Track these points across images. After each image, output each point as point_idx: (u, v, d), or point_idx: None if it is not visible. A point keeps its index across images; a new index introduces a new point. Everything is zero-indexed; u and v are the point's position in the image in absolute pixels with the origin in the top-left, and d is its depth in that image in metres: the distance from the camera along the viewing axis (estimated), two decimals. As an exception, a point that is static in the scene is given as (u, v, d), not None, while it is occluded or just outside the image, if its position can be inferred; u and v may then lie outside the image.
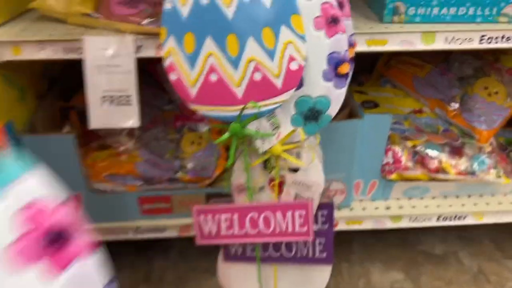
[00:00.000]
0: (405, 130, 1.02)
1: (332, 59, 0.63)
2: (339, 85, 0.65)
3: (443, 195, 1.03)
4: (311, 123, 0.66)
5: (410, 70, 1.12)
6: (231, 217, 0.66)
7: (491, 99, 1.03)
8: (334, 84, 0.64)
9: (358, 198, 1.02)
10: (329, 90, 0.64)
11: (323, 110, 0.66)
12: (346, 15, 0.65)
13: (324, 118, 0.66)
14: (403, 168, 0.97)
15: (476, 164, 0.97)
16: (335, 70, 0.64)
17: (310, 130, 0.67)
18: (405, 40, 0.79)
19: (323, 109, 0.65)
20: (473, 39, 0.80)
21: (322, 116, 0.66)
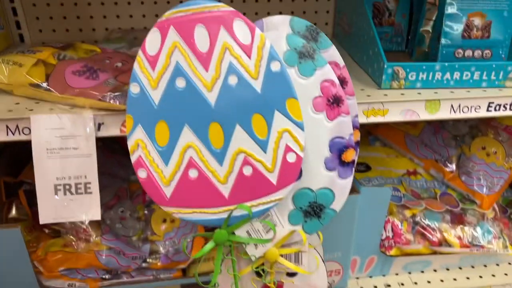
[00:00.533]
0: (402, 197, 0.93)
1: (335, 145, 0.53)
2: (344, 175, 0.54)
3: (445, 267, 0.94)
4: (313, 220, 0.55)
5: (402, 128, 1.04)
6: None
7: (490, 160, 0.95)
8: (338, 173, 0.54)
9: (354, 276, 0.91)
10: (333, 180, 0.54)
11: (326, 204, 0.55)
12: (350, 93, 0.55)
13: (328, 213, 0.55)
14: (403, 243, 0.87)
15: (480, 234, 0.89)
16: (339, 157, 0.54)
17: (311, 228, 0.55)
18: (408, 109, 0.70)
19: (326, 203, 0.55)
20: (481, 107, 0.72)
21: (325, 212, 0.55)
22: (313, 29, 0.54)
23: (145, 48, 0.47)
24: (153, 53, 0.47)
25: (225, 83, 0.47)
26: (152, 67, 0.47)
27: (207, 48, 0.47)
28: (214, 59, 0.47)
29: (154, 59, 0.47)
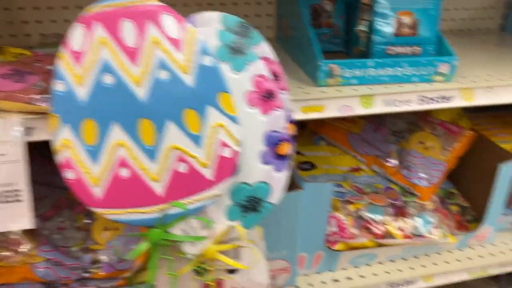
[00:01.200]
0: (346, 193, 0.95)
1: (270, 138, 0.53)
2: (280, 168, 0.54)
3: (390, 259, 0.96)
4: (251, 215, 0.55)
5: (344, 127, 1.07)
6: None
7: (428, 154, 0.99)
8: (274, 167, 0.54)
9: (302, 273, 0.91)
10: (269, 174, 0.54)
11: (263, 198, 0.55)
12: (283, 88, 0.55)
13: (265, 207, 0.55)
14: (348, 237, 0.89)
15: (421, 225, 0.92)
16: (275, 151, 0.54)
17: (250, 223, 0.55)
18: (344, 105, 0.72)
19: (263, 197, 0.55)
20: (412, 101, 0.75)
21: (263, 205, 0.55)
22: (245, 25, 0.54)
23: (69, 43, 0.46)
24: (78, 48, 0.46)
25: (156, 78, 0.47)
26: (77, 63, 0.46)
27: (135, 43, 0.46)
28: (143, 54, 0.46)
29: (79, 55, 0.46)
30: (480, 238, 1.01)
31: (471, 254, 1.00)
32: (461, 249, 1.01)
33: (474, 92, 0.77)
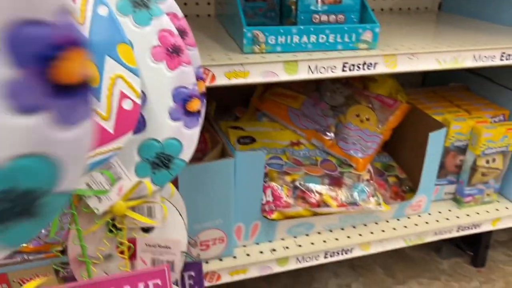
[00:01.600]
0: (283, 165, 0.97)
1: (178, 94, 0.54)
2: (190, 125, 0.55)
3: (328, 229, 0.98)
4: (161, 172, 0.55)
5: (284, 102, 1.08)
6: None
7: (364, 126, 1.02)
8: (184, 123, 0.55)
9: (241, 244, 0.92)
10: (179, 130, 0.54)
11: (174, 155, 0.55)
12: (190, 44, 0.56)
13: (177, 164, 0.56)
14: (284, 206, 0.90)
15: (356, 194, 0.94)
16: (184, 107, 0.54)
17: (160, 180, 0.55)
18: (267, 71, 0.73)
19: (174, 153, 0.55)
20: (336, 67, 0.77)
21: (173, 162, 0.55)
22: (150, -19, 0.54)
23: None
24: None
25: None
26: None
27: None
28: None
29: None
30: (416, 207, 1.04)
31: (407, 223, 1.03)
32: (398, 219, 1.04)
33: (396, 58, 0.79)
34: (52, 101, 0.22)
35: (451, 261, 1.24)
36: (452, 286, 1.15)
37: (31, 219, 0.24)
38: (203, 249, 0.85)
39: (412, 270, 1.20)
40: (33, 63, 0.20)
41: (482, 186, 1.07)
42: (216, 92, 1.12)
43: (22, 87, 0.21)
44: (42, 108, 0.22)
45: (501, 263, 1.23)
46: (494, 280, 1.17)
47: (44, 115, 0.22)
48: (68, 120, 0.22)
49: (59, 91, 0.22)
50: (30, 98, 0.21)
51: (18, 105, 0.21)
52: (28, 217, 0.24)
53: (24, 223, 0.24)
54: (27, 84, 0.21)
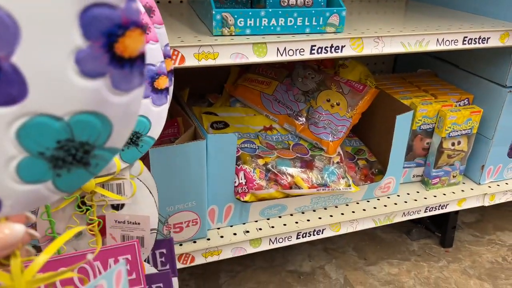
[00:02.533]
0: (256, 149, 0.98)
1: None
2: (158, 102, 0.56)
3: (300, 211, 1.01)
4: (130, 149, 0.56)
5: (257, 88, 1.10)
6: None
7: (334, 111, 1.05)
8: (152, 101, 0.55)
9: (215, 226, 0.94)
10: (147, 108, 0.55)
11: (142, 132, 0.56)
12: (157, 22, 0.57)
13: (145, 141, 0.57)
14: (256, 188, 0.92)
15: (326, 175, 0.97)
16: (152, 84, 0.55)
17: (129, 157, 0.56)
18: (237, 52, 0.75)
19: (142, 130, 0.56)
20: (304, 50, 0.79)
21: (142, 140, 0.56)
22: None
23: None
24: None
25: None
26: None
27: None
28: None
29: None
30: (385, 189, 1.08)
31: (376, 204, 1.06)
32: (367, 200, 1.07)
33: (363, 42, 0.82)
34: (112, 69, 0.26)
35: (420, 243, 1.28)
36: (421, 266, 1.19)
37: (84, 168, 0.28)
38: (176, 231, 0.87)
39: (383, 251, 1.24)
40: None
41: (448, 168, 1.11)
42: (189, 79, 1.13)
43: (89, 56, 0.25)
44: (103, 75, 0.26)
45: (467, 243, 1.28)
46: (461, 259, 1.22)
47: (104, 81, 0.26)
48: (124, 87, 0.27)
49: (119, 62, 0.26)
50: (95, 65, 0.25)
51: (84, 70, 0.25)
52: (82, 166, 0.28)
53: (79, 171, 0.28)
54: (94, 54, 0.25)
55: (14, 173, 0.27)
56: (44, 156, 0.27)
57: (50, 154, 0.27)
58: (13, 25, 0.24)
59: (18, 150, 0.26)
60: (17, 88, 0.25)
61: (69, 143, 0.27)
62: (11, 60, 0.24)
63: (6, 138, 0.26)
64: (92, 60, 0.25)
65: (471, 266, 1.19)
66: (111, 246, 0.55)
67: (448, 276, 1.16)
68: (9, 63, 0.24)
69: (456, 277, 1.15)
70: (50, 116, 0.26)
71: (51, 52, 0.25)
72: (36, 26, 0.24)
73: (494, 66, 1.06)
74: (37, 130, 0.26)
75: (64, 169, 0.28)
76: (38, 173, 0.28)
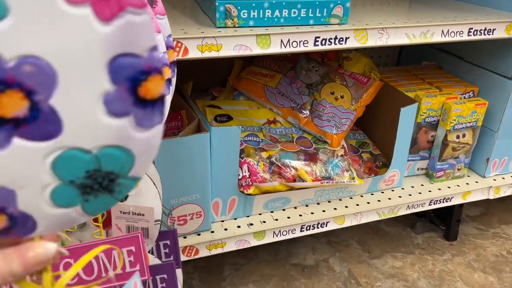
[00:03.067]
0: (260, 142, 0.98)
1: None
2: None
3: (304, 204, 1.01)
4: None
5: (261, 81, 1.10)
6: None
7: (338, 103, 1.04)
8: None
9: (219, 219, 0.94)
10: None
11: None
12: (160, 12, 0.56)
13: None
14: (260, 181, 0.92)
15: (330, 168, 0.97)
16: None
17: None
18: (240, 44, 0.74)
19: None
20: (308, 42, 0.78)
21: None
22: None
23: None
24: None
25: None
26: None
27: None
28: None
29: None
30: (389, 182, 1.07)
31: (381, 197, 1.06)
32: (371, 193, 1.07)
33: (367, 33, 0.81)
34: (136, 109, 0.30)
35: (424, 236, 1.27)
36: (426, 259, 1.19)
37: (109, 194, 0.32)
38: (180, 224, 0.87)
39: (388, 245, 1.24)
40: (125, 82, 0.29)
41: (453, 161, 1.10)
42: (193, 72, 1.12)
43: (116, 98, 0.29)
44: (128, 114, 0.29)
45: (472, 236, 1.28)
46: (465, 253, 1.21)
47: (129, 119, 0.30)
48: (146, 124, 0.30)
49: (142, 103, 0.30)
50: (120, 106, 0.29)
51: (111, 110, 0.29)
52: (107, 192, 0.32)
53: (104, 197, 0.32)
54: (120, 96, 0.29)
55: (48, 199, 0.30)
56: (75, 184, 0.31)
57: (80, 182, 0.31)
58: (52, 73, 0.28)
59: (52, 178, 0.30)
60: (54, 126, 0.29)
61: (96, 172, 0.30)
62: (49, 103, 0.28)
63: (43, 168, 0.30)
64: (118, 102, 0.29)
65: (475, 259, 1.19)
66: (115, 237, 0.55)
67: (453, 269, 1.15)
68: (47, 105, 0.28)
69: (460, 270, 1.15)
70: (81, 149, 0.30)
71: (83, 95, 0.29)
72: (71, 73, 0.28)
73: (500, 58, 1.05)
74: (69, 161, 0.30)
75: (92, 195, 0.31)
76: (69, 198, 0.31)
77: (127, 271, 0.55)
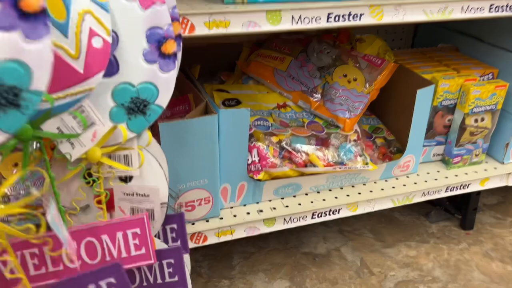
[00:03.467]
0: (270, 126, 0.95)
1: (153, 35, 0.51)
2: (165, 68, 0.53)
3: (315, 190, 0.97)
4: (137, 117, 0.53)
5: (270, 64, 1.06)
6: (39, 251, 0.50)
7: (351, 87, 1.00)
8: (159, 66, 0.52)
9: (228, 206, 0.91)
10: (154, 74, 0.52)
11: (150, 100, 0.53)
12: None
13: (153, 110, 0.54)
14: (270, 166, 0.89)
15: (343, 153, 0.93)
16: (159, 49, 0.52)
17: (137, 126, 0.53)
18: (249, 21, 0.71)
19: (150, 98, 0.53)
20: (321, 18, 0.74)
21: (150, 108, 0.53)
22: None
23: None
24: None
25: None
26: None
27: None
28: None
29: None
30: (404, 168, 1.03)
31: (395, 184, 1.02)
32: (385, 180, 1.03)
33: (383, 9, 0.77)
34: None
35: (439, 225, 1.24)
36: (441, 248, 1.15)
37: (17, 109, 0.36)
38: (188, 210, 0.84)
39: (401, 234, 1.20)
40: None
41: (471, 146, 1.06)
42: (200, 57, 1.09)
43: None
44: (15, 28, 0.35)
45: (489, 225, 1.24)
46: (482, 242, 1.17)
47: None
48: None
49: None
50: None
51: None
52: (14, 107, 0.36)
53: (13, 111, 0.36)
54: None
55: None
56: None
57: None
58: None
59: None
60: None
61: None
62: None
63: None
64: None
65: (493, 248, 1.15)
66: (119, 219, 0.52)
67: (469, 259, 1.12)
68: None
69: (477, 260, 1.11)
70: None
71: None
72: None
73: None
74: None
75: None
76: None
77: (133, 254, 0.53)
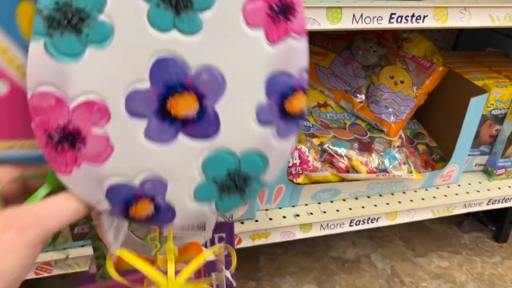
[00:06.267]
0: (310, 127, 0.90)
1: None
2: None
3: (354, 196, 0.93)
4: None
5: (312, 60, 1.01)
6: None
7: (398, 89, 0.95)
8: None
9: (263, 208, 0.87)
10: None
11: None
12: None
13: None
14: (311, 170, 0.84)
15: (387, 160, 0.88)
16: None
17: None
18: (308, 17, 0.66)
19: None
20: (383, 18, 0.69)
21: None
22: None
23: None
24: None
25: None
26: None
27: None
28: None
29: None
30: (446, 177, 0.99)
31: (436, 193, 0.98)
32: (426, 189, 0.99)
33: (447, 12, 0.72)
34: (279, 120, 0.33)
35: (472, 236, 1.19)
36: (474, 260, 1.11)
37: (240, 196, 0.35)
38: (224, 211, 0.80)
39: (433, 243, 1.16)
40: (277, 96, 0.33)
41: (517, 158, 1.01)
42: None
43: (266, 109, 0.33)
44: (272, 124, 0.33)
45: (524, 239, 1.19)
46: (517, 257, 1.13)
47: (272, 129, 0.33)
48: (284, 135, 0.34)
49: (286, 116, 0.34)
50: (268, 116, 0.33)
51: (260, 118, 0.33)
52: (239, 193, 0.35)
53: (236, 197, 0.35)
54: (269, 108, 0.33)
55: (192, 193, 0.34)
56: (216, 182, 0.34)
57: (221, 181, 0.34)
58: (222, 82, 0.31)
59: (200, 175, 0.33)
60: (213, 128, 0.32)
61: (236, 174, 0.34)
62: (214, 107, 0.32)
63: (195, 165, 0.33)
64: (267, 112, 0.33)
65: (529, 264, 1.10)
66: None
67: (503, 274, 1.08)
68: (212, 109, 0.32)
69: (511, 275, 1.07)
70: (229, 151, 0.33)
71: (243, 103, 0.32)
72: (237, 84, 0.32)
73: None
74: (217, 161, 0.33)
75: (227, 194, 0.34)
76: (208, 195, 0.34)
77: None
